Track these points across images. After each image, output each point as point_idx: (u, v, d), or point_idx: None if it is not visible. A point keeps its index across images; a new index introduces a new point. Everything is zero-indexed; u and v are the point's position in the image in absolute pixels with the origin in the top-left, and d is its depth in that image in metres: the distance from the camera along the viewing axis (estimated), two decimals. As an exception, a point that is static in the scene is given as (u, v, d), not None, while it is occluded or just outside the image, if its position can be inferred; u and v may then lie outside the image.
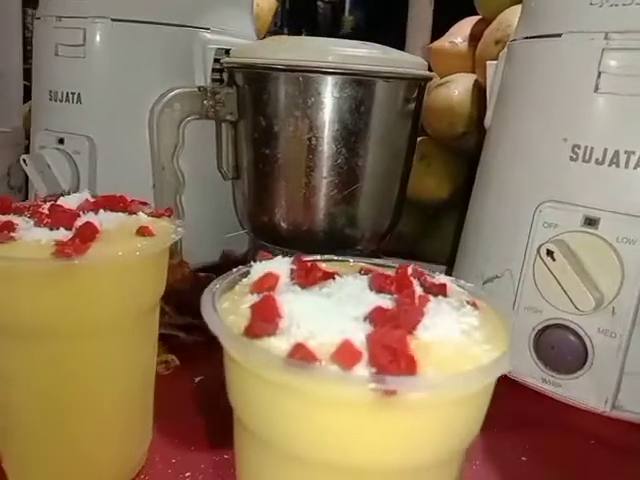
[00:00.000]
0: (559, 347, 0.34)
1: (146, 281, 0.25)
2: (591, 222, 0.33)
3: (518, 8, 0.54)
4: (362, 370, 0.15)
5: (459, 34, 0.68)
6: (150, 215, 0.28)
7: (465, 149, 0.59)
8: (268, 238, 0.47)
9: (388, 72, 0.41)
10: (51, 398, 0.25)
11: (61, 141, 0.49)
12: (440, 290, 0.20)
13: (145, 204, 0.29)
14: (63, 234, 0.24)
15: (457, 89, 0.58)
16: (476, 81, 0.58)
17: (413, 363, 0.16)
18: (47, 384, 0.25)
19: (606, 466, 0.32)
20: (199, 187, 0.48)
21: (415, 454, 0.16)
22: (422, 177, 0.60)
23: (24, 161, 0.48)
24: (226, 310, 0.19)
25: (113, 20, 0.47)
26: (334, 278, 0.21)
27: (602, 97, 0.33)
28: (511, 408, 0.34)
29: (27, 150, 0.59)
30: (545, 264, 0.32)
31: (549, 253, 0.32)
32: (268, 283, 0.20)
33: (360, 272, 0.22)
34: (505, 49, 0.41)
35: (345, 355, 0.16)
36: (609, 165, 0.32)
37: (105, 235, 0.24)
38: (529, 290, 0.35)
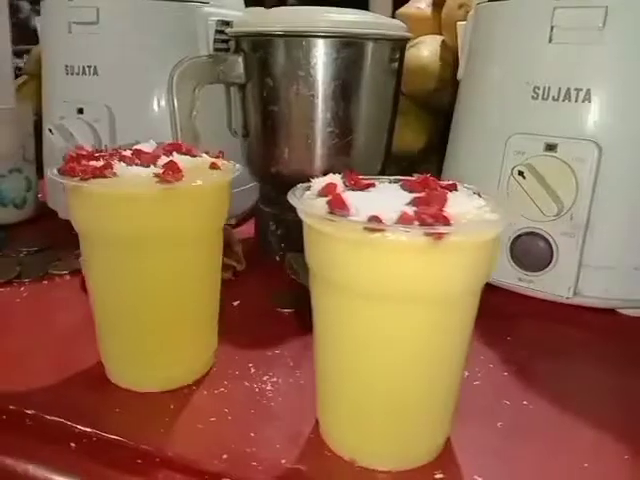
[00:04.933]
0: (530, 250, 0.43)
1: (221, 203, 0.32)
2: (551, 147, 0.41)
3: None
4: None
5: (423, 0, 0.75)
6: (210, 156, 0.34)
7: (436, 105, 0.67)
8: (276, 185, 0.54)
9: (377, 34, 0.48)
10: (148, 295, 0.32)
11: (80, 111, 0.54)
12: (453, 187, 0.28)
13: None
14: (154, 170, 0.30)
15: (426, 50, 0.65)
16: (443, 42, 0.66)
17: (448, 220, 0.23)
18: (145, 285, 0.31)
19: (574, 342, 0.41)
20: (212, 146, 0.54)
21: (452, 284, 0.24)
22: (399, 131, 0.67)
23: (50, 131, 0.53)
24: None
25: (124, -3, 0.52)
26: (374, 185, 0.28)
27: (555, 47, 0.41)
28: (494, 305, 0.42)
29: (37, 124, 0.63)
30: (518, 182, 0.41)
31: (520, 173, 0.41)
32: (331, 188, 0.27)
33: (390, 182, 0.30)
34: (472, 11, 0.49)
35: (404, 219, 0.23)
36: (563, 100, 0.41)
37: (186, 169, 0.31)
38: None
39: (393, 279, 0.24)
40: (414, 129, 0.68)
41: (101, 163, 0.31)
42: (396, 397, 0.27)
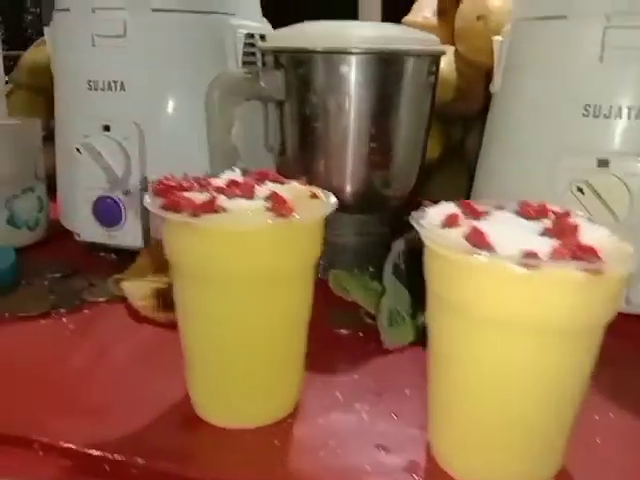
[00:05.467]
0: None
1: (321, 235, 0.31)
2: (604, 163, 0.42)
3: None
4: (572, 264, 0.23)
5: (426, 9, 0.76)
6: (300, 183, 0.33)
7: (452, 115, 0.68)
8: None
9: (419, 50, 0.48)
10: (247, 332, 0.30)
11: (106, 128, 0.51)
12: (567, 214, 0.29)
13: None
14: (263, 203, 0.29)
15: (442, 61, 0.66)
16: (457, 52, 0.67)
17: (597, 254, 0.24)
18: (244, 322, 0.30)
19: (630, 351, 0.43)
20: (249, 163, 0.53)
21: (599, 317, 0.25)
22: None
23: (78, 150, 0.50)
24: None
25: (153, 10, 0.50)
26: (488, 213, 0.29)
27: (606, 66, 0.42)
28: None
29: (46, 139, 0.60)
30: (577, 198, 0.42)
31: (579, 189, 0.42)
32: (455, 219, 0.27)
33: (497, 209, 0.30)
34: (508, 27, 0.50)
35: (558, 254, 0.23)
36: (614, 118, 0.42)
37: (290, 201, 0.30)
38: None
39: (545, 312, 0.24)
40: (431, 139, 0.69)
41: (198, 195, 0.30)
42: (522, 424, 0.27)
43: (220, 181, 0.32)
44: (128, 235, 0.53)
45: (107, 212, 0.52)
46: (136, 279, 0.48)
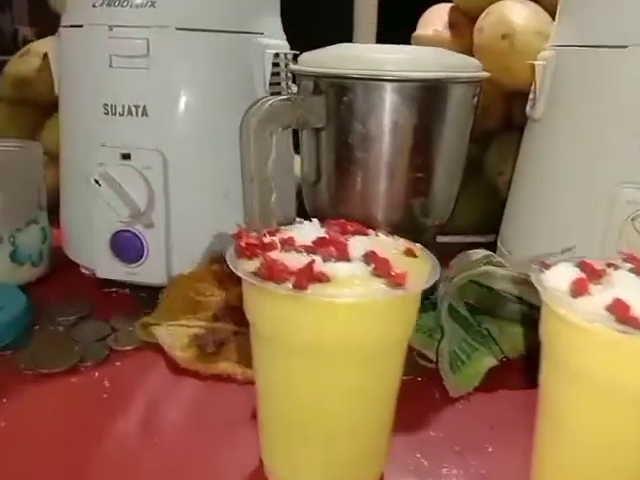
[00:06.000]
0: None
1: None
2: (662, 197, 0.41)
3: (509, 2, 0.62)
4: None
5: (437, 22, 0.74)
6: (383, 234, 0.31)
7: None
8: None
9: (465, 77, 0.46)
10: (337, 406, 0.28)
11: (126, 156, 0.47)
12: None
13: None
14: (361, 266, 0.26)
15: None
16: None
17: None
18: (335, 396, 0.27)
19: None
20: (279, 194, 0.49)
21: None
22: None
23: (97, 182, 0.45)
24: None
25: (177, 29, 0.46)
26: (605, 272, 0.27)
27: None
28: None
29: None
30: (637, 231, 0.41)
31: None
32: (583, 285, 0.25)
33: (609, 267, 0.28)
34: (548, 52, 0.48)
35: None
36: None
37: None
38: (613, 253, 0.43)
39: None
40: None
41: (289, 258, 0.26)
42: None
43: (302, 237, 0.29)
44: (151, 272, 0.49)
45: (128, 247, 0.48)
46: (167, 323, 0.44)
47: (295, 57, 0.51)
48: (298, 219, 0.32)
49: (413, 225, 0.51)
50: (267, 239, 0.29)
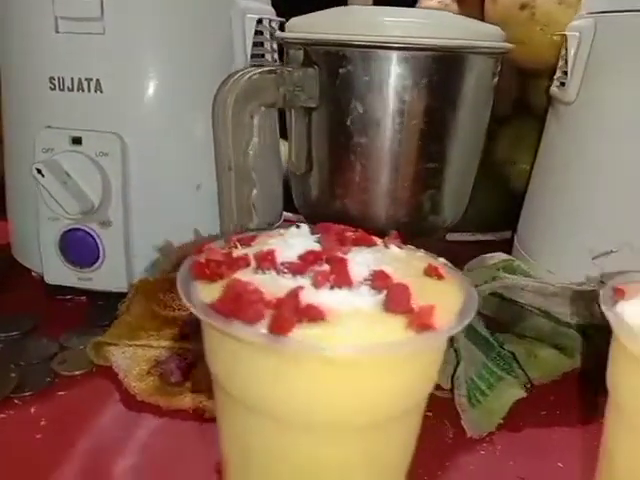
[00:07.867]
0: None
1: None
2: None
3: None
4: None
5: (443, -7, 0.66)
6: (394, 245, 0.23)
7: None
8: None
9: (487, 48, 0.38)
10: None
11: (76, 141, 0.39)
12: None
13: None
14: (368, 297, 0.19)
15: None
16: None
17: None
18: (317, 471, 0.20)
19: None
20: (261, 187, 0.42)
21: None
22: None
23: (39, 171, 0.37)
24: None
25: (139, -14, 0.38)
26: None
27: None
28: None
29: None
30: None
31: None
32: None
33: None
34: (585, 21, 0.40)
35: None
36: None
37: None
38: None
39: None
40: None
41: (265, 281, 0.19)
42: None
43: (286, 249, 0.21)
44: (108, 277, 0.41)
45: (79, 249, 0.40)
46: (125, 343, 0.36)
47: (282, 26, 0.44)
48: (285, 214, 0.25)
49: (421, 225, 0.43)
50: (238, 251, 0.21)
